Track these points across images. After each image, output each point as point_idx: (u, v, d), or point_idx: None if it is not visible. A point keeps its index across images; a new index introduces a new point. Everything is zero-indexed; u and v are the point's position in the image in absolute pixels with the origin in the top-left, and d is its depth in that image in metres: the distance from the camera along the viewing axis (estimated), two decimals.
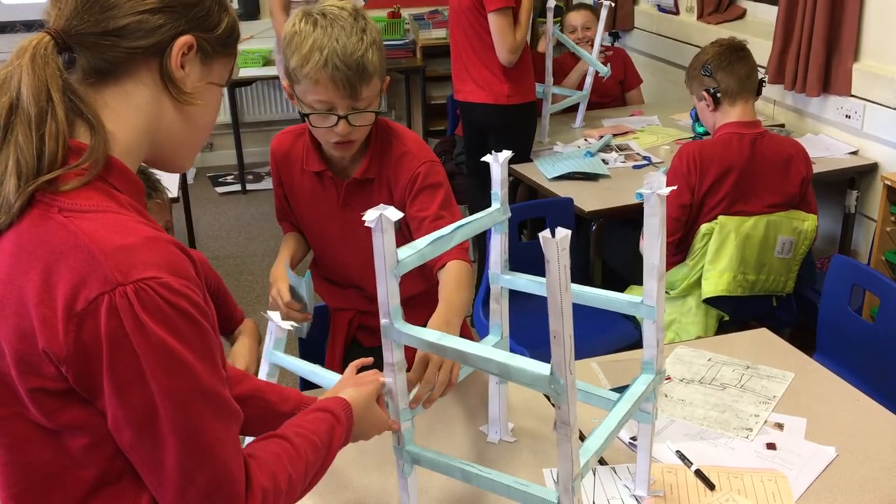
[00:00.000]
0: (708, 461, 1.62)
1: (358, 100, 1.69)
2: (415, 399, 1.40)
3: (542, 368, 1.13)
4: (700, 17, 4.44)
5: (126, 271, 0.93)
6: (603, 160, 3.42)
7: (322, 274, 2.10)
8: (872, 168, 3.39)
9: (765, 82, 2.80)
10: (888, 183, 2.95)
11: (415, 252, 1.28)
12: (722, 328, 2.63)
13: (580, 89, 3.96)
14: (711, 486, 1.55)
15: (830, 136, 3.58)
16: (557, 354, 1.09)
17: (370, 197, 1.86)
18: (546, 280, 1.06)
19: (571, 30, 4.13)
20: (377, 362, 1.40)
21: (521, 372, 1.15)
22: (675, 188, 1.30)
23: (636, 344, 2.35)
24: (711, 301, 2.59)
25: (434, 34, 5.70)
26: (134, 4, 1.01)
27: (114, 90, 1.03)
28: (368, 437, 1.34)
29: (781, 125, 3.78)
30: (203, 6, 1.07)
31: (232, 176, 5.79)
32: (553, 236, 1.03)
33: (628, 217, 3.00)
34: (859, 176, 3.43)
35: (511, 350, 2.62)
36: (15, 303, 0.96)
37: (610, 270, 3.14)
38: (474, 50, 3.48)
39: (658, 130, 3.83)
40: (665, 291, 2.68)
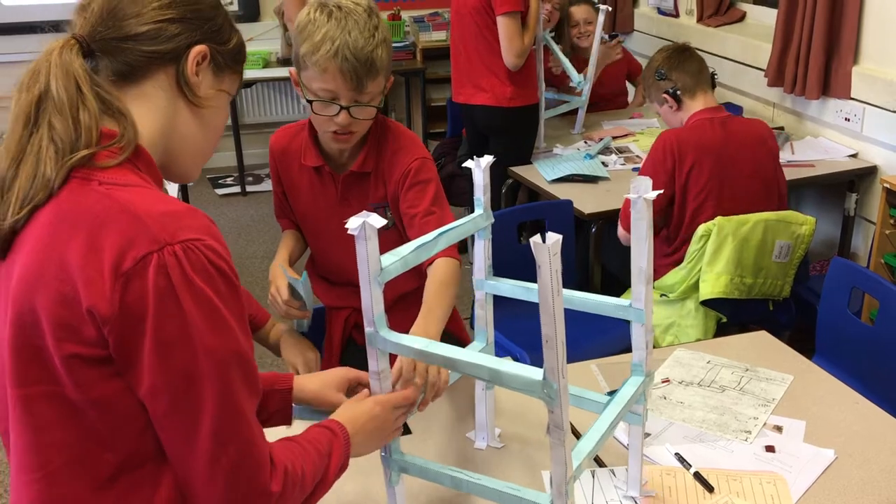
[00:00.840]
0: (707, 463, 1.62)
1: (362, 93, 1.72)
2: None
3: (535, 374, 1.12)
4: (700, 20, 4.44)
5: (173, 232, 0.99)
6: (602, 162, 3.42)
7: (318, 272, 2.10)
8: (872, 171, 3.39)
9: (716, 74, 2.96)
10: (887, 186, 2.95)
11: (398, 259, 1.28)
12: (721, 331, 2.63)
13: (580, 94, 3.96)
14: (710, 489, 1.55)
15: (830, 139, 3.59)
16: (550, 359, 1.09)
17: (366, 191, 1.89)
18: (538, 285, 1.06)
19: (573, 24, 4.12)
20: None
21: (513, 377, 1.15)
22: (651, 180, 1.32)
23: None
24: (709, 303, 2.60)
25: (434, 36, 5.70)
26: (154, 14, 1.09)
27: (134, 92, 1.10)
28: (376, 447, 1.34)
29: (781, 128, 3.78)
30: (216, 22, 1.17)
31: (232, 178, 5.79)
32: (544, 241, 1.03)
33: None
34: (859, 179, 3.43)
35: (510, 353, 2.64)
36: (55, 269, 0.99)
37: (609, 273, 3.14)
38: (478, 52, 3.48)
39: (657, 133, 3.81)
40: (664, 294, 2.72)
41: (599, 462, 1.62)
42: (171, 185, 3.04)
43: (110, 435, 1.02)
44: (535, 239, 1.03)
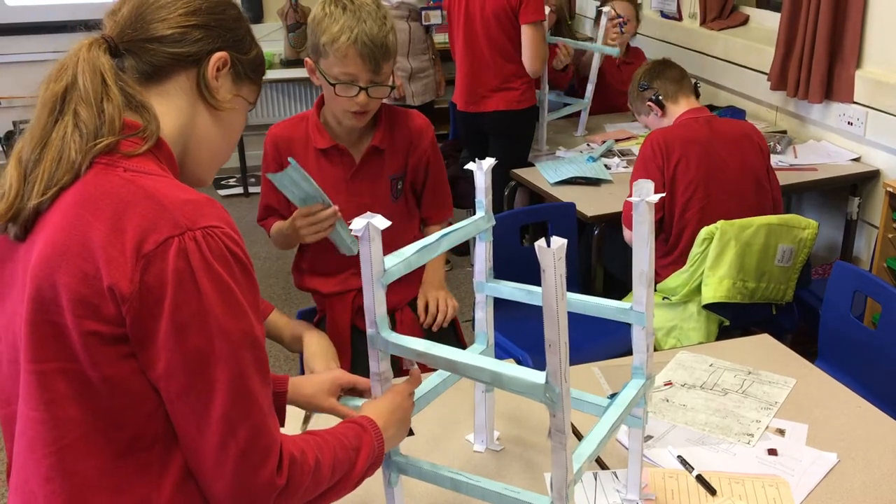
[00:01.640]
0: (709, 466, 1.62)
1: (378, 74, 1.94)
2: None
3: (537, 377, 1.12)
4: (703, 24, 4.44)
5: (194, 219, 1.03)
6: (605, 165, 3.42)
7: (315, 267, 2.16)
8: (874, 175, 3.39)
9: (699, 85, 3.04)
10: (890, 190, 2.95)
11: (401, 261, 1.29)
12: (723, 334, 2.63)
13: (581, 96, 3.95)
14: (713, 492, 1.55)
15: (833, 143, 3.58)
16: (553, 363, 1.09)
17: (382, 165, 2.10)
18: (542, 289, 1.06)
19: (610, 16, 4.03)
20: None
21: (515, 381, 1.14)
22: (653, 183, 1.34)
23: None
24: (711, 307, 2.60)
25: (437, 38, 5.69)
26: (179, 20, 1.15)
27: (157, 91, 1.16)
28: (403, 437, 1.36)
29: (784, 132, 3.77)
30: (238, 32, 1.22)
31: (234, 178, 5.80)
32: (549, 245, 1.03)
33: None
34: (861, 183, 3.43)
35: (512, 355, 2.64)
36: (78, 247, 1.02)
37: (610, 276, 3.14)
38: (494, 60, 3.50)
39: None
40: (666, 297, 2.72)
41: (602, 464, 1.62)
42: None
43: (120, 414, 1.05)
44: (540, 243, 1.03)
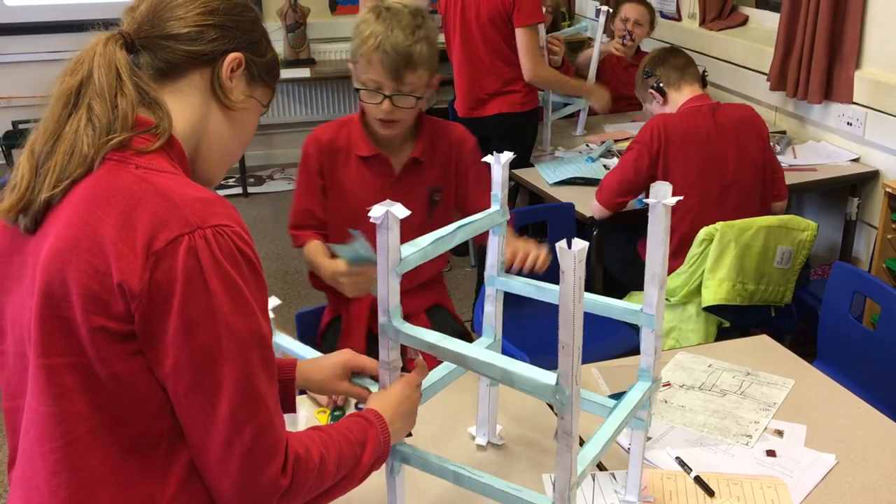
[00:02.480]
0: (707, 468, 1.62)
1: (402, 83, 1.93)
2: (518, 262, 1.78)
3: (548, 378, 1.12)
4: (702, 24, 4.44)
5: (204, 217, 1.03)
6: (604, 165, 3.42)
7: None
8: (874, 175, 3.39)
9: (707, 73, 2.99)
10: (889, 190, 2.95)
11: (418, 250, 1.30)
12: (722, 334, 2.63)
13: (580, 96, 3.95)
14: (711, 493, 1.54)
15: (832, 144, 3.58)
16: (565, 365, 1.08)
17: (421, 177, 2.09)
18: (560, 291, 1.06)
19: (623, 19, 4.03)
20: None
21: (525, 380, 1.14)
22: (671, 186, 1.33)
23: (636, 349, 2.34)
24: (711, 309, 2.60)
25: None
26: (196, 19, 1.16)
27: (171, 88, 1.16)
28: (410, 429, 1.36)
29: (783, 132, 3.78)
30: (254, 35, 1.23)
31: (234, 178, 5.80)
32: (570, 247, 1.03)
33: (627, 223, 3.01)
34: (861, 183, 3.43)
35: (511, 355, 2.63)
36: (89, 243, 1.02)
37: (609, 276, 3.14)
38: (493, 63, 3.50)
39: None
40: (665, 298, 2.71)
41: (600, 465, 1.62)
42: None
43: (126, 411, 1.05)
44: (562, 244, 1.03)
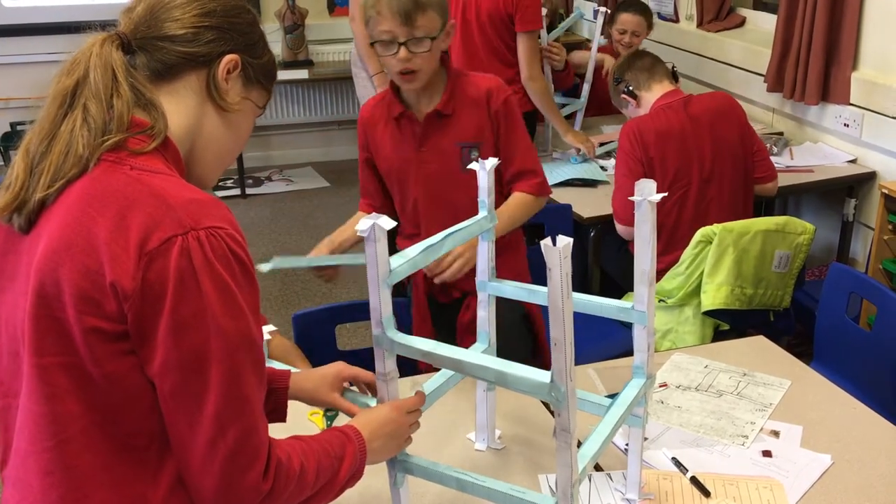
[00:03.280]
0: (703, 468, 1.62)
1: (414, 27, 1.91)
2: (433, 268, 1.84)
3: (542, 376, 1.13)
4: (700, 25, 4.44)
5: (198, 219, 1.03)
6: (601, 167, 3.43)
7: (407, 234, 2.19)
8: (871, 177, 3.39)
9: (676, 69, 3.01)
10: (886, 192, 2.95)
11: (406, 261, 1.29)
12: (719, 335, 2.63)
13: (577, 96, 3.96)
14: (707, 494, 1.55)
15: (829, 145, 3.59)
16: (558, 361, 1.09)
17: (448, 132, 2.07)
18: (548, 288, 1.06)
19: (621, 30, 3.99)
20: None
21: (520, 380, 1.15)
22: (655, 183, 1.35)
23: (632, 351, 2.35)
24: (710, 313, 2.60)
25: None
26: (192, 20, 1.16)
27: (167, 89, 1.16)
28: (392, 453, 1.34)
29: (780, 133, 3.78)
30: (251, 37, 1.22)
31: (231, 180, 5.80)
32: (554, 244, 1.03)
33: None
34: (857, 184, 3.43)
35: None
36: (82, 243, 1.03)
37: (607, 278, 3.14)
38: (491, 64, 3.49)
39: None
40: (662, 300, 2.72)
41: (597, 467, 1.62)
42: None
43: (118, 410, 1.05)
44: (546, 242, 1.04)
